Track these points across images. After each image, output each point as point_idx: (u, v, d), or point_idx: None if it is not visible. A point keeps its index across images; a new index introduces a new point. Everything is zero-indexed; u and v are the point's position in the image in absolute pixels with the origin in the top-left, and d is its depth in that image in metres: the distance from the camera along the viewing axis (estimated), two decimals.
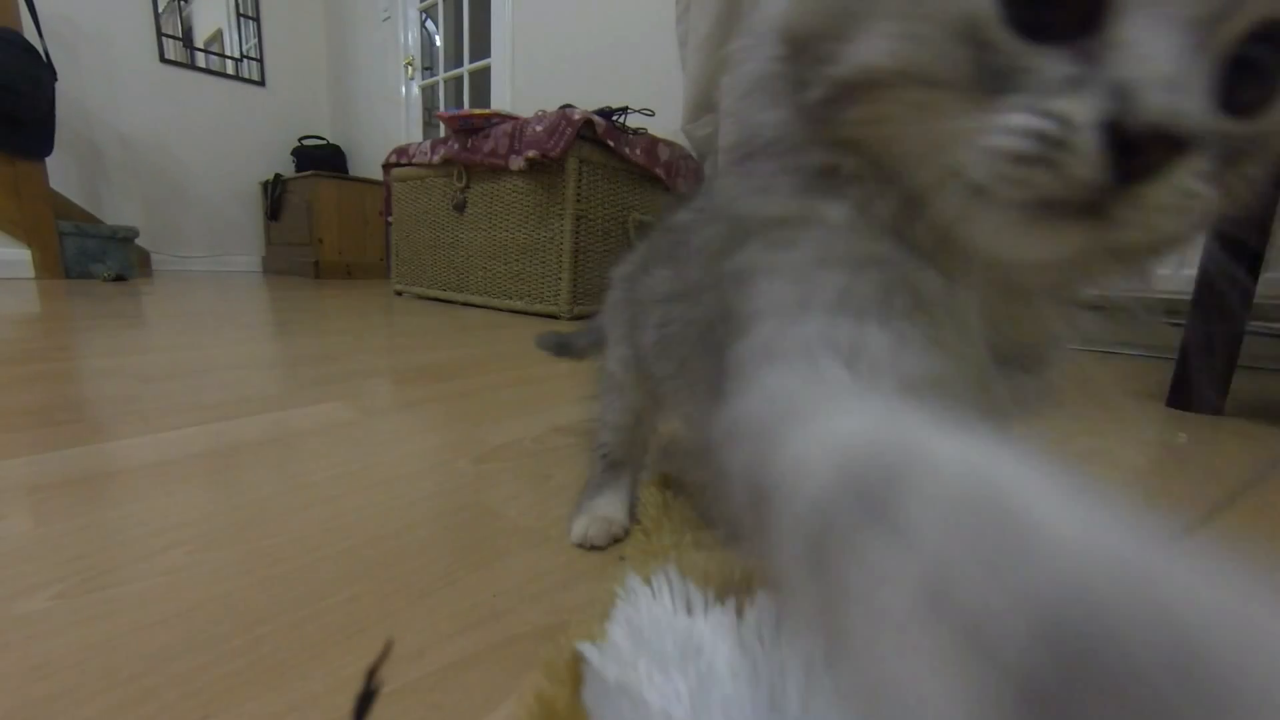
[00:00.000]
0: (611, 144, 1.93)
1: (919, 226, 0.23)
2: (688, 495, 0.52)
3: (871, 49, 0.20)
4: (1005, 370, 0.26)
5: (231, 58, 3.75)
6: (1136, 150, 0.17)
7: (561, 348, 0.77)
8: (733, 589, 0.29)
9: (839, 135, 0.23)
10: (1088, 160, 0.17)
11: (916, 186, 0.22)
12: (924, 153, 0.21)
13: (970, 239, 0.21)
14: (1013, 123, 0.18)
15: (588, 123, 1.85)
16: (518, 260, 2.11)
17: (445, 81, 3.52)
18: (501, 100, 2.90)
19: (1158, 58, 0.16)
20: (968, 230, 0.21)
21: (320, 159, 3.77)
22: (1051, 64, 0.18)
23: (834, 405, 0.20)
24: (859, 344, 0.22)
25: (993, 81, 0.18)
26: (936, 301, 0.24)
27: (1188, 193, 0.18)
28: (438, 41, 3.59)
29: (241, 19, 3.74)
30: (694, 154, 2.15)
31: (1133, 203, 0.18)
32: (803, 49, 0.23)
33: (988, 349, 0.25)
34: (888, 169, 0.23)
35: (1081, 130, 0.17)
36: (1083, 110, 0.17)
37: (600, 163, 1.95)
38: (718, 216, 0.30)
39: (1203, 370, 1.09)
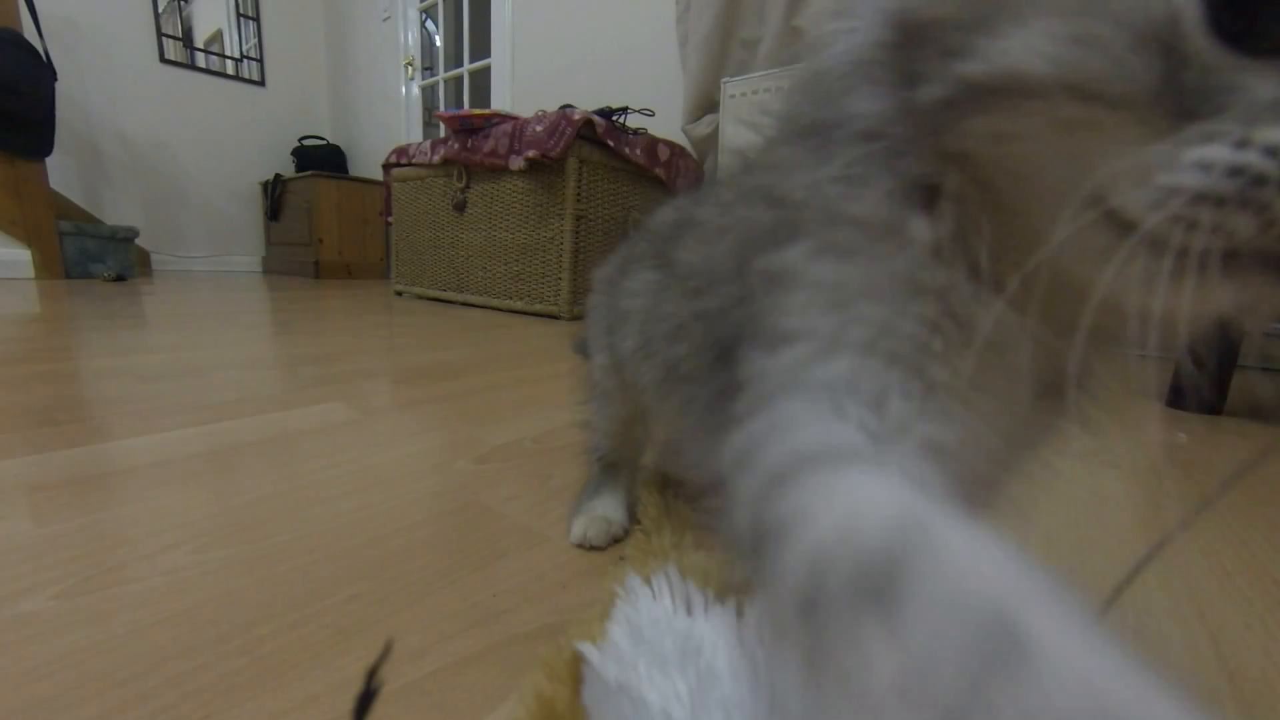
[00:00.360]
0: (611, 144, 1.93)
1: (1010, 261, 0.20)
2: (687, 495, 0.52)
3: (1025, 49, 0.16)
4: (1045, 396, 0.24)
5: (231, 58, 3.75)
6: None
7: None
8: (733, 589, 0.29)
9: (951, 146, 0.20)
10: None
11: (1036, 218, 0.19)
12: (1065, 181, 0.18)
13: (1104, 286, 0.17)
14: (1209, 156, 0.15)
15: (588, 123, 1.85)
16: (518, 260, 2.11)
17: (445, 81, 3.52)
18: (501, 100, 2.90)
19: None
20: (1105, 276, 0.17)
21: (320, 159, 3.77)
22: (1264, 84, 0.15)
23: (851, 463, 0.19)
24: (884, 395, 0.20)
25: (1183, 102, 0.15)
26: (991, 341, 0.21)
27: None
28: (438, 41, 3.59)
29: (241, 19, 3.74)
30: (694, 154, 2.15)
31: None
32: (921, 37, 0.20)
33: (1033, 381, 0.23)
34: (1001, 193, 0.20)
35: None
36: None
37: (600, 163, 1.95)
38: (763, 196, 0.26)
39: (1202, 370, 1.08)
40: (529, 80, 2.81)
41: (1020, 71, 0.17)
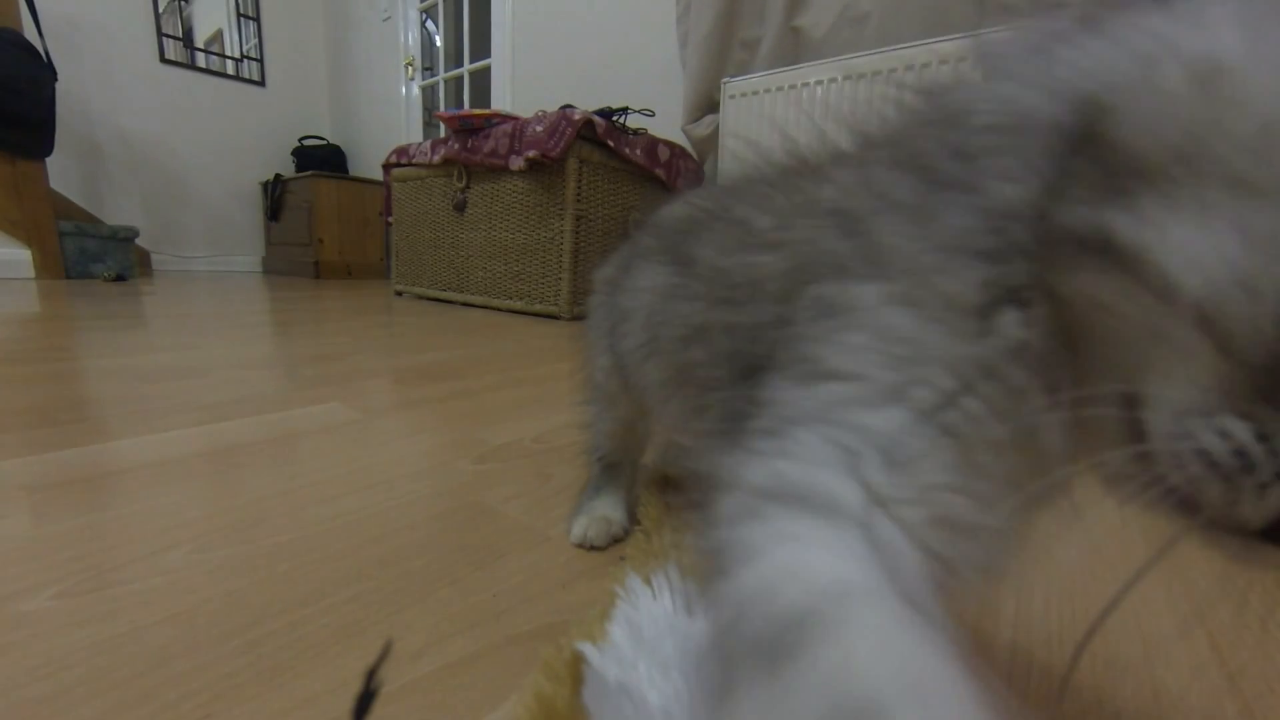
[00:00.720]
0: (611, 144, 1.93)
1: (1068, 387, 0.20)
2: (686, 497, 0.52)
3: (1189, 251, 0.15)
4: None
5: (231, 58, 3.75)
6: None
7: None
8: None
9: (1049, 277, 0.19)
10: (1260, 513, 0.16)
11: (1083, 367, 0.19)
12: (1119, 363, 0.18)
13: (1098, 459, 0.19)
14: (1234, 429, 0.16)
15: (588, 123, 1.85)
16: (518, 260, 2.11)
17: (445, 81, 3.52)
18: (501, 100, 2.90)
19: None
20: (1105, 453, 0.18)
21: (320, 159, 3.77)
22: None
23: (823, 514, 0.19)
24: (922, 461, 0.20)
25: (1260, 379, 0.16)
26: (1055, 449, 0.21)
27: None
28: (438, 41, 3.59)
29: (241, 19, 3.74)
30: (694, 154, 2.15)
31: None
32: (1102, 145, 0.17)
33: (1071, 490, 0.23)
34: (1065, 333, 0.20)
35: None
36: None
37: (600, 163, 1.95)
38: (838, 221, 0.24)
39: None
40: (529, 80, 2.81)
41: (1167, 271, 0.16)
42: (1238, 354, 0.16)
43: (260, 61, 3.86)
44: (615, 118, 2.03)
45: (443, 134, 2.38)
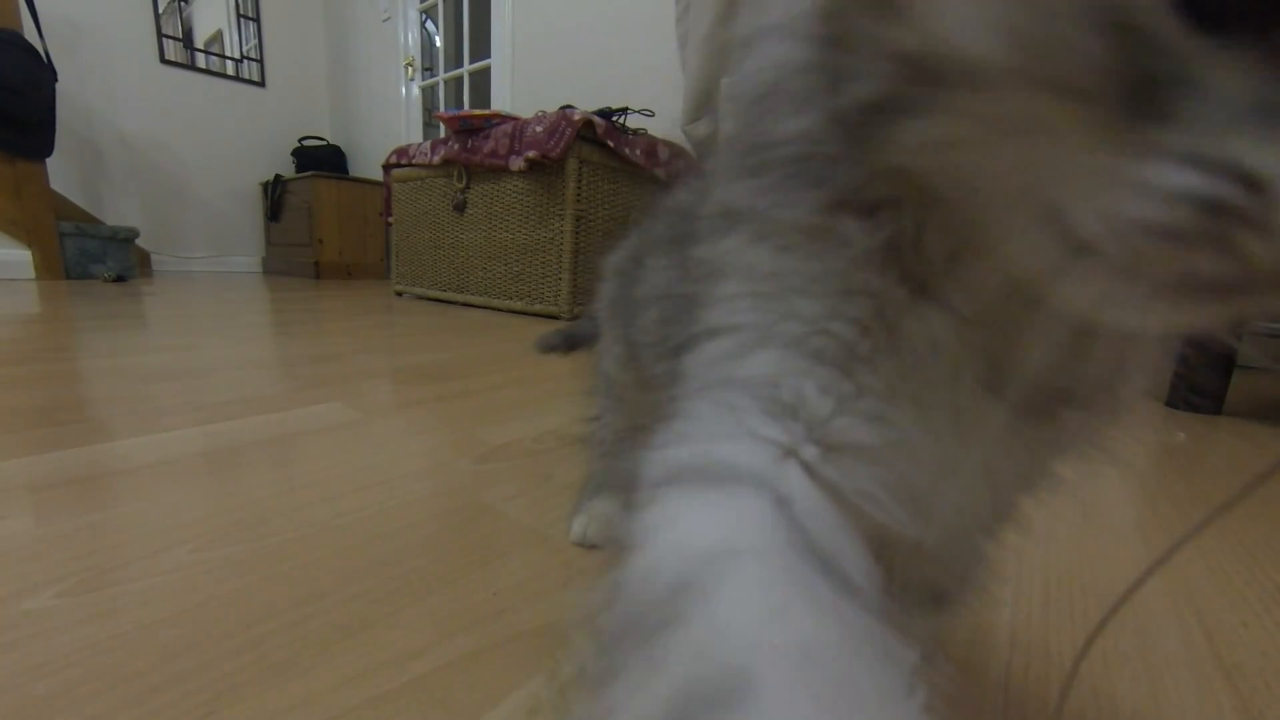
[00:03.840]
0: (611, 144, 1.93)
1: (959, 272, 0.19)
2: None
3: (965, 20, 0.13)
4: (1033, 416, 0.21)
5: (231, 58, 3.75)
6: None
7: (570, 342, 0.69)
8: None
9: (884, 160, 0.18)
10: None
11: (992, 229, 0.17)
12: (1019, 191, 0.15)
13: (1067, 302, 0.15)
14: (1169, 183, 0.12)
15: (588, 123, 1.85)
16: (518, 260, 2.11)
17: (445, 82, 3.52)
18: (501, 100, 2.90)
19: None
20: (1065, 293, 0.15)
21: (320, 159, 3.77)
22: (1235, 78, 0.12)
23: (713, 483, 0.18)
24: (803, 395, 0.19)
25: (1146, 96, 0.12)
26: (931, 348, 0.20)
27: None
28: (438, 42, 3.59)
29: (241, 19, 3.74)
30: (694, 154, 2.15)
31: None
32: (850, 26, 0.17)
33: (1000, 396, 0.20)
34: (946, 203, 0.18)
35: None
36: None
37: (600, 163, 1.95)
38: (707, 202, 0.25)
39: (1202, 370, 1.09)
40: (529, 80, 2.81)
41: (958, 44, 0.13)
42: (1087, 89, 0.12)
43: (260, 62, 3.86)
44: (615, 118, 2.03)
45: (442, 134, 2.38)
